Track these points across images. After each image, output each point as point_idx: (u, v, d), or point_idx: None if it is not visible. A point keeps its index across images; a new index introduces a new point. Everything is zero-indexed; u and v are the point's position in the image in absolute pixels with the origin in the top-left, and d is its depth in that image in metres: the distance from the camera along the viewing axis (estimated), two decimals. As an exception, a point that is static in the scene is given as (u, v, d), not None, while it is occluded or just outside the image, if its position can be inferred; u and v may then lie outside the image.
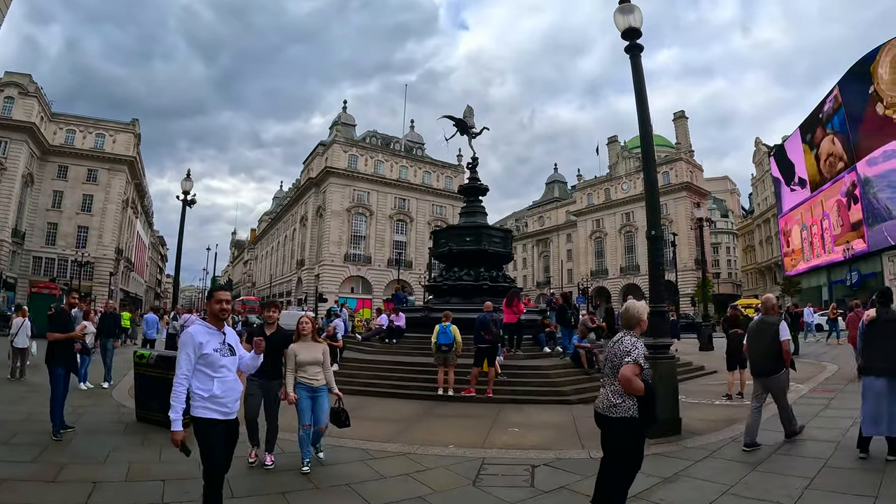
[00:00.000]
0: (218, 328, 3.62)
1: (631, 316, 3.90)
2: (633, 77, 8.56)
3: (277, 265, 79.78)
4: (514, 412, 8.73)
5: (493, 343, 9.74)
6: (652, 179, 8.52)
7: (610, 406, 3.73)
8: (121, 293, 58.20)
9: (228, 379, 3.56)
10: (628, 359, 3.61)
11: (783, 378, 6.52)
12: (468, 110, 19.94)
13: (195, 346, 3.44)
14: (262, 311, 6.13)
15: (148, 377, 7.35)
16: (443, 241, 18.05)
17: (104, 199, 53.32)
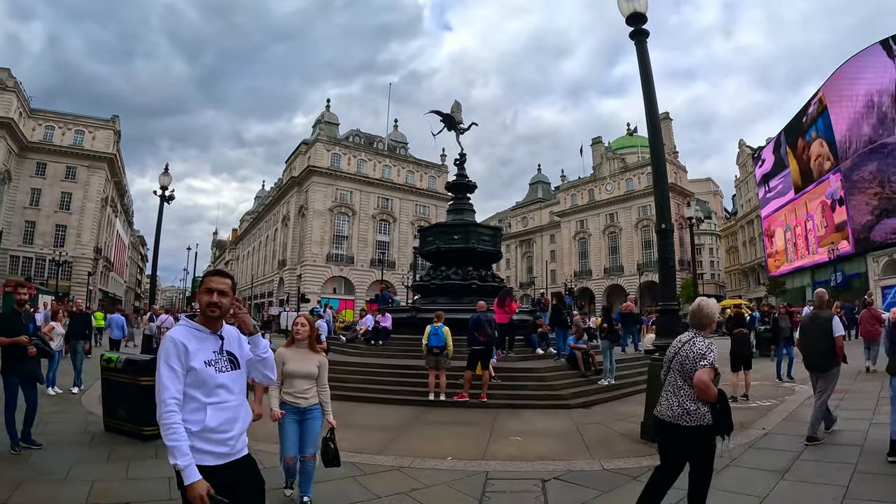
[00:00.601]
0: (212, 329, 2.52)
1: (704, 315, 3.60)
2: (639, 64, 8.12)
3: (259, 265, 78.51)
4: (512, 418, 8.24)
5: (487, 345, 9.25)
6: (661, 171, 8.10)
7: (683, 413, 3.43)
8: (100, 293, 56.71)
9: (229, 404, 2.44)
10: (704, 362, 3.36)
11: (835, 374, 6.33)
12: (456, 106, 19.41)
13: (180, 356, 2.38)
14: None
15: (116, 383, 6.72)
16: (430, 239, 17.53)
17: (83, 198, 51.88)
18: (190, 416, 2.35)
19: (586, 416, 8.54)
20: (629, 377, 11.89)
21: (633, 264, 68.61)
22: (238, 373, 2.56)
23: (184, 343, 2.39)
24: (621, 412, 8.87)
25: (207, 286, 2.51)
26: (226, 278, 2.57)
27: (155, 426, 5.81)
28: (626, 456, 6.04)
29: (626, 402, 10.06)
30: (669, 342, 7.09)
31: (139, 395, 6.25)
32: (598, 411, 9.06)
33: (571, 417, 8.43)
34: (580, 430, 7.47)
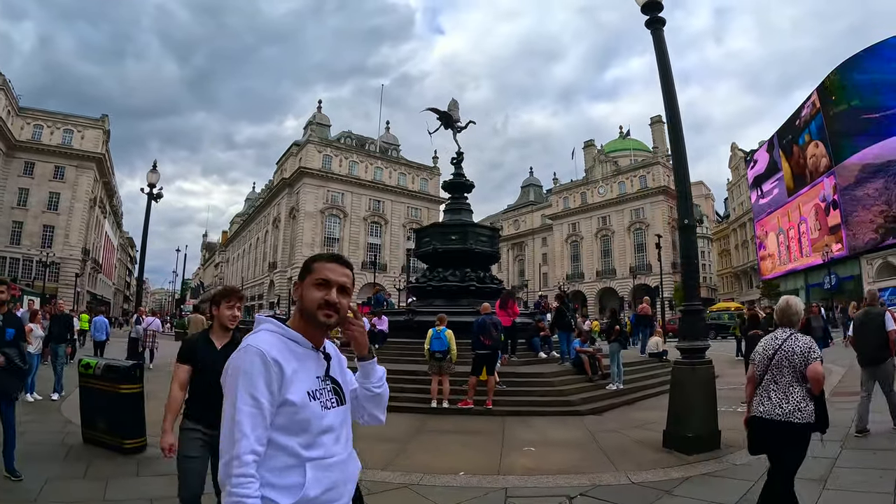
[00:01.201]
0: (314, 344, 1.61)
1: (793, 312, 3.71)
2: (656, 54, 7.71)
3: (249, 268, 77.59)
4: (522, 426, 7.75)
5: (493, 349, 8.77)
6: (682, 164, 7.62)
7: (795, 410, 3.43)
8: (87, 295, 55.64)
9: (337, 458, 1.57)
10: (815, 355, 3.45)
11: (889, 367, 6.47)
12: (453, 103, 18.99)
13: (271, 381, 1.45)
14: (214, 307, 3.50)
15: (94, 391, 6.13)
16: (426, 239, 17.05)
17: (71, 198, 50.97)
18: (277, 478, 1.44)
19: (599, 424, 8.09)
20: (637, 381, 11.51)
21: (625, 267, 68.53)
22: (345, 410, 1.67)
23: (278, 360, 1.46)
24: (636, 419, 8.48)
25: (322, 276, 1.58)
26: (347, 268, 1.67)
27: (137, 438, 5.10)
28: (652, 467, 5.62)
29: (638, 407, 9.70)
30: (695, 345, 6.82)
31: (120, 404, 5.72)
32: (611, 418, 8.64)
33: (584, 425, 7.97)
34: (596, 439, 7.01)
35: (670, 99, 7.74)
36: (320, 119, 65.01)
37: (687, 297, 7.23)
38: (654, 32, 7.65)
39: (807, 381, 3.43)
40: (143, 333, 14.96)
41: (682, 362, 6.80)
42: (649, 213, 66.78)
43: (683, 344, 6.94)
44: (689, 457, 5.86)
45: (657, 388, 11.56)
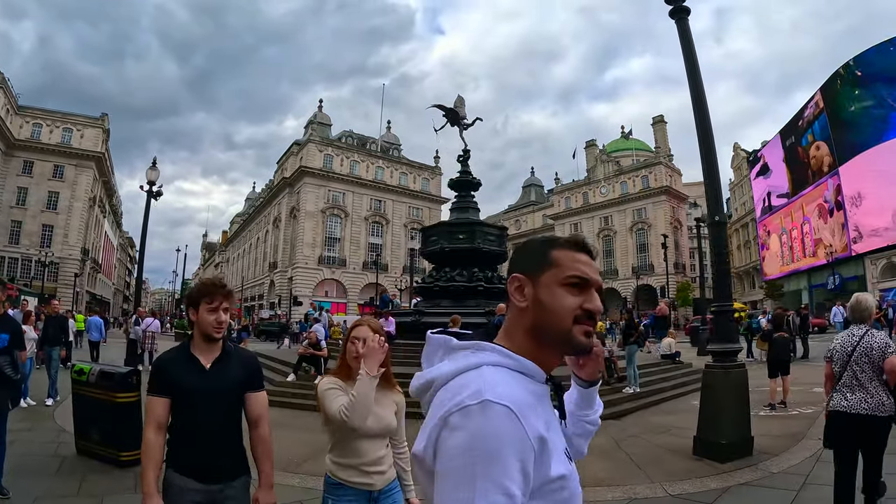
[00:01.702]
0: (547, 374, 1.03)
1: (864, 308, 3.80)
2: (681, 43, 7.47)
3: (249, 268, 77.16)
4: None
5: None
6: (711, 160, 7.32)
7: (879, 405, 3.55)
8: (87, 295, 55.22)
9: None
10: (891, 349, 3.53)
11: None
12: (459, 101, 18.64)
13: (525, 458, 0.85)
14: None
15: (88, 399, 5.68)
16: (433, 238, 16.64)
17: (70, 197, 50.49)
18: None
19: (622, 430, 7.72)
20: (652, 384, 11.21)
21: (627, 268, 68.19)
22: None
23: (538, 429, 0.89)
24: (657, 424, 8.12)
25: (577, 272, 1.01)
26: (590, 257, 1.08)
27: (134, 451, 4.58)
28: (686, 477, 5.29)
29: (657, 411, 9.37)
30: (728, 347, 6.45)
31: (115, 414, 5.30)
32: (632, 423, 8.28)
33: (606, 431, 7.52)
34: (622, 447, 6.66)
35: (697, 91, 7.49)
36: (321, 118, 64.57)
37: (718, 297, 6.88)
38: (678, 22, 7.50)
39: (884, 374, 3.55)
40: (141, 335, 14.59)
41: (715, 365, 6.47)
42: (652, 213, 66.43)
43: (715, 346, 6.62)
44: (722, 465, 5.56)
45: (672, 390, 11.30)
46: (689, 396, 10.92)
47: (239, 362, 2.35)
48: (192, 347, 2.29)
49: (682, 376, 12.85)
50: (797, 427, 7.30)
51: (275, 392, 9.77)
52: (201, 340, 2.29)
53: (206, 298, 2.26)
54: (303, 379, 10.35)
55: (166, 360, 2.31)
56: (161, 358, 2.36)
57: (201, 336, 2.28)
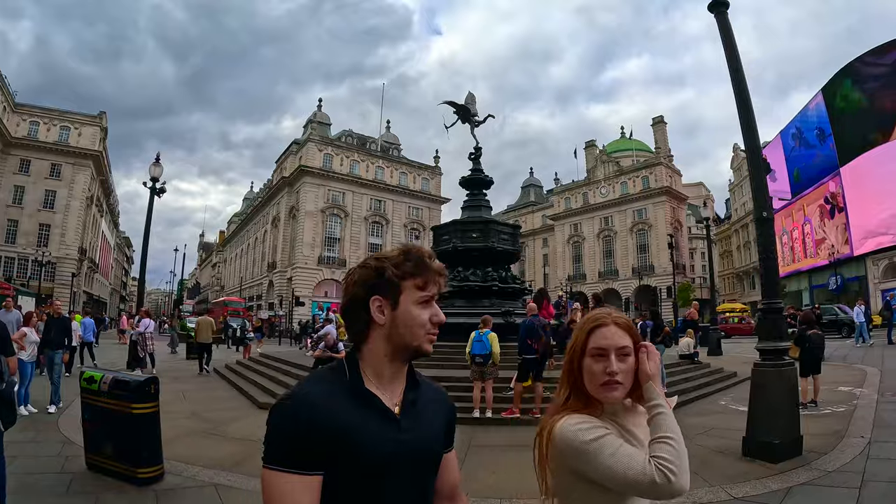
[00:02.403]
0: None
1: None
2: (721, 37, 7.37)
3: (248, 268, 76.54)
4: None
5: (542, 353, 8.01)
6: (756, 154, 7.02)
7: None
8: (84, 295, 54.55)
9: None
10: None
11: None
12: (470, 97, 18.29)
13: None
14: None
15: (100, 410, 5.16)
16: (445, 237, 16.24)
17: (67, 196, 49.78)
18: None
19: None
20: (675, 384, 10.89)
21: (628, 268, 67.97)
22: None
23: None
24: (694, 425, 7.80)
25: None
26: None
27: (153, 467, 4.08)
28: (744, 479, 5.15)
29: (688, 412, 9.05)
30: (778, 346, 6.15)
31: (132, 426, 4.84)
32: None
33: None
34: None
35: (739, 84, 7.41)
36: (321, 118, 64.09)
37: (767, 295, 6.59)
38: (717, 16, 7.34)
39: None
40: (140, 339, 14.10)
41: (766, 364, 6.27)
42: (652, 213, 66.20)
43: (765, 344, 6.38)
44: (776, 465, 5.44)
45: (696, 391, 11.00)
46: (716, 397, 10.84)
47: (433, 399, 1.35)
48: (362, 375, 1.21)
49: (702, 376, 12.56)
50: (836, 425, 7.23)
51: None
52: (389, 362, 1.23)
53: (417, 279, 1.23)
54: (320, 384, 9.91)
55: (314, 396, 1.14)
56: (300, 395, 1.15)
57: (394, 352, 1.23)
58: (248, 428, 7.34)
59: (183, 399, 10.13)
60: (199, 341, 15.55)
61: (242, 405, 9.62)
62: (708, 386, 11.73)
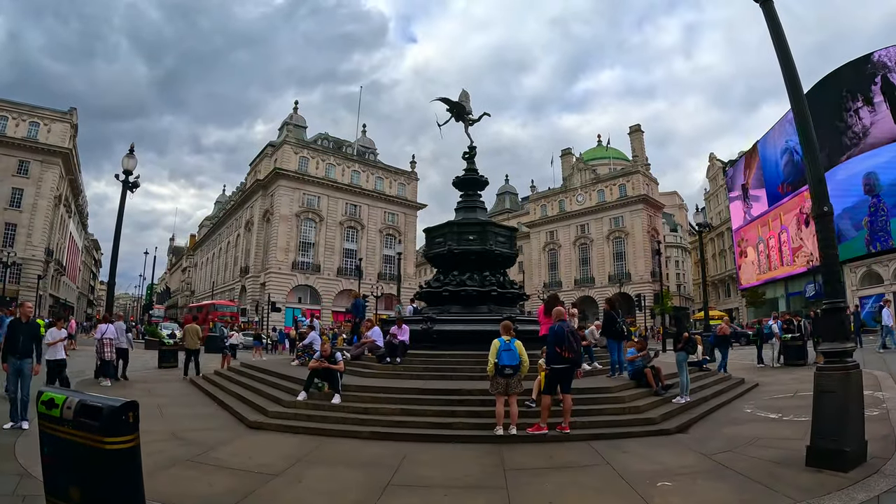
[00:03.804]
0: None
1: None
2: (769, 29, 6.92)
3: (219, 272, 74.21)
4: (621, 454, 6.38)
5: (573, 362, 7.28)
6: (812, 147, 6.46)
7: None
8: (50, 298, 51.83)
9: None
10: None
11: None
12: (464, 95, 17.61)
13: None
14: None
15: (61, 443, 3.57)
16: (439, 240, 15.41)
17: (35, 195, 47.02)
18: None
19: (701, 444, 6.88)
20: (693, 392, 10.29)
21: (604, 276, 68.12)
22: None
23: None
24: (734, 435, 7.35)
25: None
26: None
27: None
28: (823, 492, 4.73)
29: (719, 421, 8.65)
30: (844, 348, 5.50)
31: (103, 466, 3.58)
32: (705, 436, 7.46)
33: (687, 446, 6.79)
34: (722, 463, 5.89)
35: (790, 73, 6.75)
36: (297, 120, 62.69)
37: (829, 294, 6.09)
38: (763, 6, 6.84)
39: None
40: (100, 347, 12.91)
41: (832, 367, 5.76)
42: (629, 221, 66.52)
43: (828, 346, 5.89)
44: (846, 474, 5.08)
45: (714, 398, 10.55)
46: (736, 404, 10.44)
47: None
48: None
49: (715, 384, 12.11)
50: (881, 429, 6.86)
51: (284, 415, 8.35)
52: None
53: None
54: (316, 397, 8.81)
55: None
56: None
57: None
58: (243, 453, 6.37)
59: (160, 415, 8.93)
60: (187, 348, 15.42)
61: (229, 423, 8.47)
62: (724, 393, 11.29)
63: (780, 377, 14.32)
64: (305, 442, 7.04)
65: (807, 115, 6.60)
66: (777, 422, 8.34)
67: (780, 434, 7.34)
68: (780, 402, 10.10)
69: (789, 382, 13.05)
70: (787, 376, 14.39)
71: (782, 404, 9.84)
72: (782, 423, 8.13)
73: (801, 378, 13.71)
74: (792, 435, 7.11)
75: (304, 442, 7.03)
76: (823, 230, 6.17)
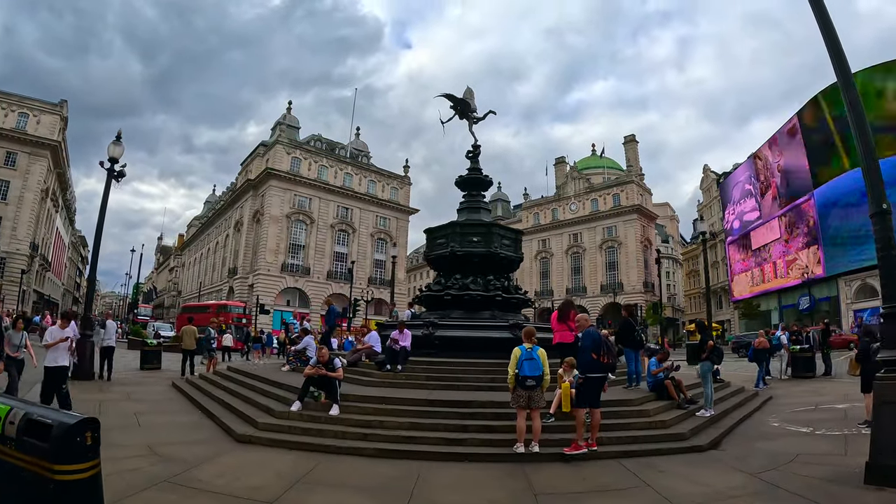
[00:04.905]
0: None
1: None
2: (815, 15, 6.27)
3: (207, 273, 72.85)
4: (654, 473, 5.75)
5: (610, 370, 6.63)
6: (867, 139, 5.87)
7: None
8: (34, 294, 50.32)
9: None
10: None
11: None
12: (469, 92, 16.99)
13: None
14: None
15: (2, 466, 2.95)
16: (440, 241, 14.67)
17: (21, 187, 45.61)
18: None
19: (743, 461, 6.31)
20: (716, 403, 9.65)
21: (596, 285, 67.73)
22: None
23: None
24: (773, 451, 6.81)
25: None
26: None
27: None
28: None
29: (747, 436, 8.08)
30: None
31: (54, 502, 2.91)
32: (742, 452, 6.89)
33: (727, 464, 6.23)
34: (773, 483, 5.36)
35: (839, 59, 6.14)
36: (290, 120, 61.84)
37: (888, 297, 5.52)
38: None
39: None
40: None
41: (889, 376, 5.26)
42: (622, 231, 66.24)
43: (889, 354, 5.36)
44: None
45: (736, 410, 10.08)
46: (759, 416, 9.95)
47: None
48: None
49: (731, 396, 11.65)
50: None
51: (276, 427, 7.46)
52: None
53: None
54: (311, 408, 7.98)
55: None
56: None
57: None
58: (229, 472, 5.55)
59: (136, 425, 8.03)
60: (184, 348, 15.83)
61: (215, 436, 7.56)
62: (743, 406, 10.75)
63: (791, 390, 13.81)
64: (301, 459, 6.23)
65: (858, 104, 6.06)
66: (810, 436, 7.83)
67: (820, 449, 6.88)
68: (804, 416, 9.61)
69: (804, 395, 12.61)
70: (799, 388, 13.94)
71: (808, 417, 9.36)
72: (817, 438, 7.66)
73: (815, 390, 13.35)
74: (832, 450, 6.77)
75: (299, 459, 6.23)
76: (882, 230, 5.60)
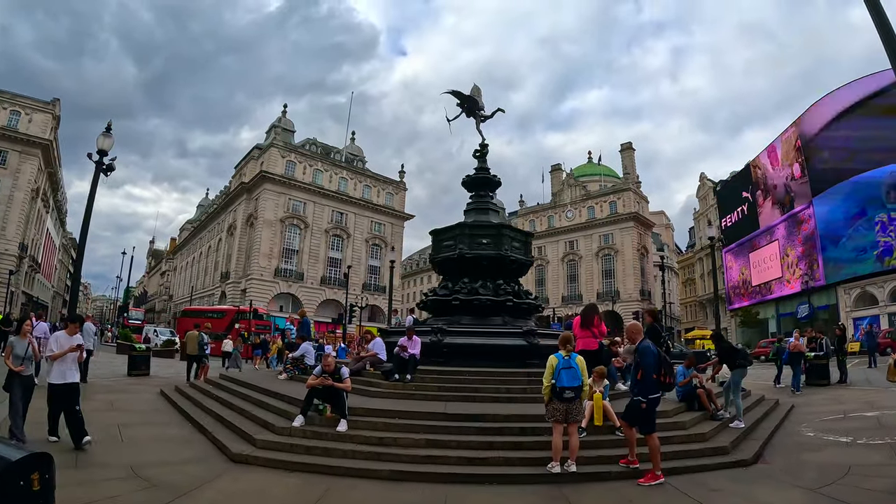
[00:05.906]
0: None
1: None
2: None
3: (199, 277, 71.68)
4: (707, 492, 5.29)
5: (668, 391, 5.99)
6: None
7: None
8: (23, 296, 48.98)
9: None
10: None
11: None
12: (476, 90, 16.48)
13: None
14: None
15: None
16: (448, 243, 14.00)
17: (12, 186, 44.34)
18: None
19: (796, 476, 5.86)
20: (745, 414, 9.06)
21: (592, 293, 67.17)
22: None
23: None
24: (823, 464, 6.37)
25: None
26: None
27: None
28: None
29: (788, 448, 7.57)
30: None
31: None
32: (788, 465, 6.51)
33: (780, 480, 5.79)
34: (840, 499, 4.93)
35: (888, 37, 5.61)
36: (285, 124, 61.03)
37: None
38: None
39: None
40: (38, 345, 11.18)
41: None
42: (619, 239, 65.83)
43: None
44: None
45: (765, 420, 9.56)
46: (788, 426, 9.41)
47: None
48: None
49: (754, 405, 11.00)
50: None
51: (276, 445, 6.67)
52: None
53: None
54: (315, 423, 7.25)
55: None
56: None
57: None
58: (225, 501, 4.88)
59: (119, 440, 7.23)
60: (188, 353, 15.94)
61: (207, 454, 6.79)
62: (769, 416, 10.14)
63: (810, 398, 13.15)
64: (308, 484, 5.48)
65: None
66: (853, 446, 7.33)
67: (871, 460, 6.43)
68: (836, 425, 9.09)
69: (825, 403, 12.07)
70: (818, 397, 13.33)
71: (841, 426, 8.83)
72: (861, 448, 7.18)
73: (835, 398, 12.79)
74: (884, 461, 6.39)
75: (306, 484, 5.47)
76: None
